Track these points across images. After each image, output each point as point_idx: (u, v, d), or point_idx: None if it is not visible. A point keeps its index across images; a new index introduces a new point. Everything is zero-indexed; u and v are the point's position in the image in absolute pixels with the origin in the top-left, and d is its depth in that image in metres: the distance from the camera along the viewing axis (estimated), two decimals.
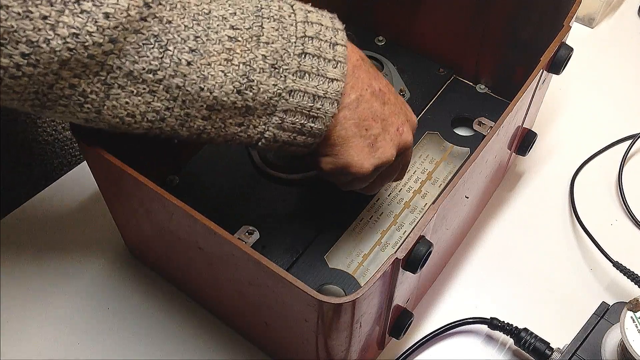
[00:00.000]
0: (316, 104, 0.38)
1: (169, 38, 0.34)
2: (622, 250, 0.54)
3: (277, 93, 0.37)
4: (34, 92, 0.33)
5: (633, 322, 0.43)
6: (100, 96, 0.34)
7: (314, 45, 0.38)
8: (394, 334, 0.47)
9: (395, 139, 0.43)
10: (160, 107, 0.35)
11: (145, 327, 0.52)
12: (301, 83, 0.38)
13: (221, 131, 0.38)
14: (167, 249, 0.48)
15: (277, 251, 0.51)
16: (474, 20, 0.61)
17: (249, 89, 0.37)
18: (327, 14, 0.40)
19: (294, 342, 0.45)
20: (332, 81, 0.39)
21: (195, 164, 0.57)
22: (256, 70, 0.37)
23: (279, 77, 0.37)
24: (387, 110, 0.42)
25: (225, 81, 0.36)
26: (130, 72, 0.34)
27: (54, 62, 0.32)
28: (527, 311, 0.53)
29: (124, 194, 0.46)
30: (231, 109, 0.37)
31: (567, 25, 0.49)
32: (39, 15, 0.30)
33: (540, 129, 0.64)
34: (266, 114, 0.38)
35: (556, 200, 0.61)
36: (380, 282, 0.37)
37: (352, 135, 0.41)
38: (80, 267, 0.55)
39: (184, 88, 0.35)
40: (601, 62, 0.74)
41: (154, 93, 0.35)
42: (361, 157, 0.41)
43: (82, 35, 0.31)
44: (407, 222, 0.54)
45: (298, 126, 0.39)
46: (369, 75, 0.41)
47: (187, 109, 0.36)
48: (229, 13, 0.36)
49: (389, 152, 0.42)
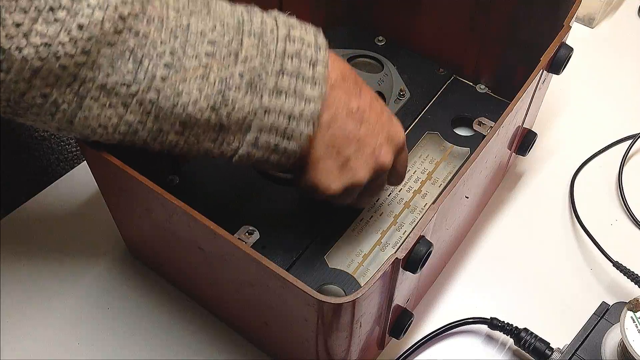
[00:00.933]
0: (291, 124, 0.38)
1: (144, 52, 0.34)
2: (622, 250, 0.54)
3: (253, 111, 0.37)
4: (5, 100, 0.33)
5: (633, 322, 0.43)
6: (72, 107, 0.34)
7: (294, 64, 0.37)
8: (394, 334, 0.47)
9: (369, 161, 0.41)
10: (132, 120, 0.35)
11: (145, 327, 0.52)
12: (277, 102, 0.37)
13: (194, 146, 0.38)
14: (167, 249, 0.49)
15: (277, 251, 0.51)
16: (474, 20, 0.61)
17: (223, 106, 0.36)
18: (311, 28, 0.40)
19: (294, 342, 0.45)
20: (309, 102, 0.38)
21: (195, 164, 0.57)
22: (232, 88, 0.36)
23: (255, 95, 0.37)
24: (364, 131, 0.41)
25: (199, 97, 0.35)
26: (103, 85, 0.33)
27: (25, 70, 0.31)
28: (527, 311, 0.53)
29: (123, 194, 0.46)
30: (205, 125, 0.37)
31: (567, 25, 0.49)
32: (12, 22, 0.30)
33: (540, 129, 0.64)
34: (240, 131, 0.38)
35: (556, 200, 0.61)
36: (380, 282, 0.37)
37: (321, 156, 0.40)
38: (80, 267, 0.55)
39: (158, 103, 0.35)
40: (601, 62, 0.74)
41: (126, 106, 0.35)
42: (329, 179, 0.41)
43: (54, 45, 0.31)
44: (407, 222, 0.54)
45: (272, 145, 0.38)
46: (348, 94, 0.40)
47: (160, 123, 0.36)
48: (208, 28, 0.36)
49: (361, 174, 0.41)
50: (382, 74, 0.63)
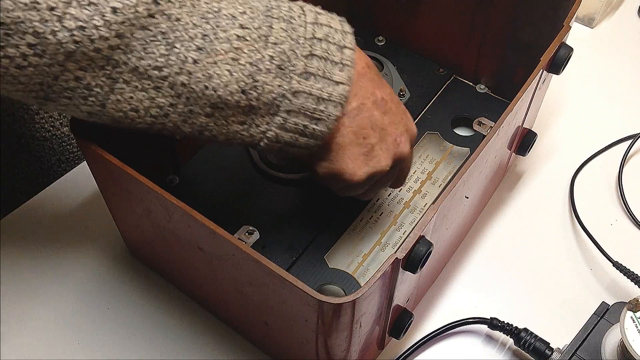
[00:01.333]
0: (320, 106, 0.38)
1: (177, 36, 0.34)
2: (622, 250, 0.54)
3: (282, 94, 0.37)
4: (39, 83, 0.33)
5: (633, 322, 0.43)
6: (104, 90, 0.34)
7: (322, 48, 0.38)
8: (394, 334, 0.47)
9: (391, 149, 0.43)
10: (164, 103, 0.35)
11: (145, 327, 0.52)
12: (306, 84, 0.38)
13: (223, 129, 0.38)
14: (167, 248, 0.48)
15: (277, 251, 0.51)
16: (474, 20, 0.61)
17: (253, 89, 0.37)
18: (336, 17, 0.40)
19: (294, 342, 0.45)
20: (338, 84, 0.39)
21: (195, 164, 0.57)
22: (262, 71, 0.37)
23: (284, 78, 0.37)
24: (387, 120, 0.42)
25: (230, 80, 0.36)
26: (135, 68, 0.34)
27: (59, 53, 0.31)
28: (527, 311, 0.53)
29: (124, 194, 0.46)
30: (235, 108, 0.37)
31: (567, 25, 0.49)
32: (46, 6, 0.30)
33: (540, 129, 0.64)
34: (269, 114, 0.38)
35: (556, 200, 0.61)
36: (380, 282, 0.37)
37: (348, 143, 0.41)
38: (80, 267, 0.55)
39: (189, 86, 0.35)
40: (601, 62, 0.74)
41: (158, 89, 0.35)
42: (355, 165, 0.41)
43: (88, 29, 0.31)
44: (407, 222, 0.54)
45: (300, 127, 0.39)
46: (373, 83, 0.41)
47: (190, 106, 0.36)
48: (238, 12, 0.36)
49: (384, 162, 0.42)
50: (382, 74, 0.63)
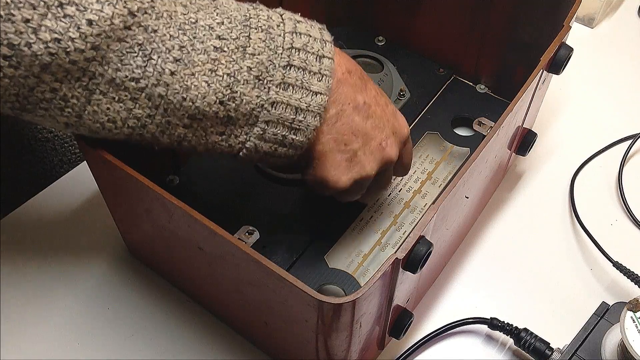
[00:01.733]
0: (298, 117, 0.38)
1: (154, 47, 0.34)
2: (622, 250, 0.54)
3: (260, 104, 0.37)
4: (14, 94, 0.33)
5: (633, 322, 0.43)
6: (81, 101, 0.34)
7: (300, 58, 0.38)
8: (394, 334, 0.47)
9: (376, 154, 0.42)
10: (141, 114, 0.35)
11: (145, 327, 0.52)
12: (284, 95, 0.38)
13: (202, 139, 0.38)
14: (167, 249, 0.48)
15: (277, 251, 0.51)
16: (474, 20, 0.61)
17: (231, 100, 0.37)
18: (316, 24, 0.40)
19: (294, 342, 0.45)
20: (316, 94, 0.38)
21: (195, 164, 0.57)
22: (240, 82, 0.37)
23: (262, 88, 0.37)
24: (370, 125, 0.41)
25: (208, 92, 0.36)
26: (112, 79, 0.34)
27: (35, 65, 0.31)
28: (527, 311, 0.53)
29: (123, 194, 0.46)
30: (213, 119, 0.37)
31: (567, 25, 0.49)
32: (22, 18, 0.30)
33: (540, 129, 0.64)
34: (248, 124, 0.38)
35: (556, 200, 0.61)
36: (380, 282, 0.37)
37: (329, 150, 0.41)
38: (80, 267, 0.55)
39: (167, 97, 0.35)
40: (601, 62, 0.74)
41: (135, 100, 0.35)
42: (338, 172, 0.41)
43: (64, 41, 0.31)
44: (407, 222, 0.54)
45: (279, 137, 0.39)
46: (354, 88, 0.41)
47: (168, 117, 0.36)
48: (216, 22, 0.36)
49: (368, 167, 0.42)
50: (382, 74, 0.64)
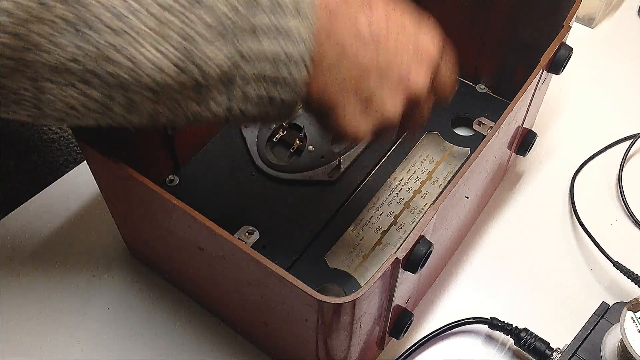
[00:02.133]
0: (280, 70, 0.32)
1: (84, 20, 0.29)
2: (622, 250, 0.54)
3: (230, 62, 0.32)
4: None
5: (633, 322, 0.43)
6: (32, 92, 0.31)
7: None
8: (394, 334, 0.47)
9: (399, 87, 0.35)
10: (98, 96, 0.32)
11: (145, 327, 0.52)
12: (255, 46, 0.32)
13: (178, 112, 0.33)
14: (167, 249, 0.48)
15: (277, 251, 0.51)
16: (473, 20, 0.61)
17: (190, 63, 0.31)
18: None
19: (294, 342, 0.45)
20: (296, 40, 0.32)
21: (195, 164, 0.57)
22: (197, 41, 0.31)
23: (227, 43, 0.31)
24: (383, 54, 0.34)
25: (159, 58, 0.31)
26: (51, 64, 0.30)
27: None
28: (527, 311, 0.53)
29: (123, 194, 0.46)
30: (179, 87, 0.32)
31: (567, 25, 0.49)
32: None
33: (540, 129, 0.64)
34: (224, 87, 0.33)
35: (556, 200, 0.61)
36: (380, 282, 0.37)
37: (338, 100, 0.35)
38: (80, 267, 0.55)
39: (117, 73, 0.31)
40: (601, 62, 0.74)
41: (87, 83, 0.31)
42: (354, 123, 0.36)
43: None
44: (407, 222, 0.54)
45: (265, 98, 0.33)
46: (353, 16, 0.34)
47: (129, 95, 0.32)
48: None
49: (390, 108, 0.36)
50: None
